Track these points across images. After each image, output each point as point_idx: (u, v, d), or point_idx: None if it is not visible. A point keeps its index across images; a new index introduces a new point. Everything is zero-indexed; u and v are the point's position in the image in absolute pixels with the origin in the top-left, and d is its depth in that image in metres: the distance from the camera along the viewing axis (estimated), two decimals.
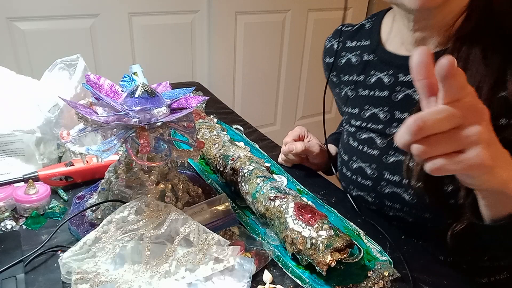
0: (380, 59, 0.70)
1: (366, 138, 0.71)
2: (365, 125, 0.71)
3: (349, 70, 0.75)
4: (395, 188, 0.67)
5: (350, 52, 0.76)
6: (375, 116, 0.69)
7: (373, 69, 0.70)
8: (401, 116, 0.66)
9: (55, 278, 0.53)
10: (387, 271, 0.57)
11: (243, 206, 0.71)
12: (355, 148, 0.73)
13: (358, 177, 0.73)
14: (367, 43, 0.73)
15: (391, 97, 0.67)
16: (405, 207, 0.68)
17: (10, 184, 0.68)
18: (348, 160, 0.75)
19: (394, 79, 0.67)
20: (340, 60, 0.77)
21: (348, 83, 0.75)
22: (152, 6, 1.75)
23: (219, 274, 0.53)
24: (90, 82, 0.57)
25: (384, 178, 0.69)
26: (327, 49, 0.83)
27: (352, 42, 0.76)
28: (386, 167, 0.68)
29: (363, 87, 0.72)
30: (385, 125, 0.68)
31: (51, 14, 1.56)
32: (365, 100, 0.71)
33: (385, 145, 0.68)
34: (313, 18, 2.20)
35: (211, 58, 2.01)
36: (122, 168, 0.59)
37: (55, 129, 0.77)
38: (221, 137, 0.81)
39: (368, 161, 0.71)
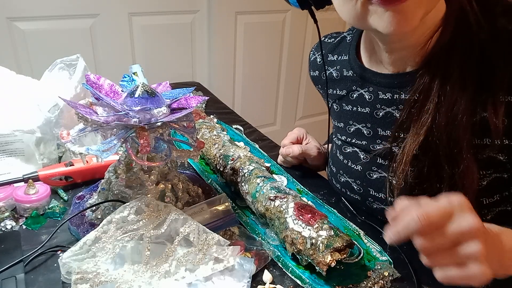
0: (360, 76, 0.68)
1: (350, 152, 0.71)
2: (350, 140, 0.71)
3: (332, 84, 0.74)
4: (382, 205, 0.67)
5: (331, 67, 0.74)
6: (359, 132, 0.69)
7: (354, 85, 0.69)
8: (384, 133, 0.65)
9: (55, 278, 0.53)
10: (387, 271, 0.57)
11: (243, 206, 0.71)
12: (341, 162, 0.73)
13: (347, 191, 0.73)
14: (346, 58, 0.72)
15: (373, 114, 0.66)
16: None
17: (10, 184, 0.68)
18: (336, 172, 0.75)
19: (374, 96, 0.65)
20: (323, 74, 0.76)
21: (333, 97, 0.74)
22: (152, 6, 1.75)
23: (219, 274, 0.53)
24: (90, 82, 0.57)
25: (370, 194, 0.68)
26: (311, 62, 0.81)
27: (333, 55, 0.75)
28: (370, 184, 0.68)
29: (346, 102, 0.71)
30: (369, 141, 0.67)
31: (51, 14, 1.56)
32: (349, 115, 0.70)
33: (368, 161, 0.68)
34: None
35: (211, 58, 2.01)
36: (122, 168, 0.59)
37: (55, 129, 0.77)
38: (221, 137, 0.81)
39: (353, 176, 0.70)
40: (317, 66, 0.79)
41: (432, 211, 0.42)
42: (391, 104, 0.63)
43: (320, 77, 0.77)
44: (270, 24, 2.10)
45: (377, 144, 0.66)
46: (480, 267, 0.42)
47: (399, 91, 0.62)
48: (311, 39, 2.26)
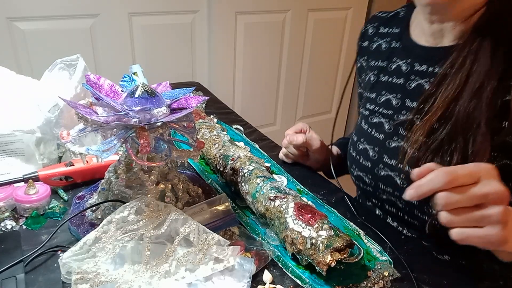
0: (403, 47, 0.72)
1: (376, 122, 0.74)
2: (378, 109, 0.74)
3: (377, 55, 0.77)
4: (390, 172, 0.70)
5: (381, 38, 0.78)
6: (388, 102, 0.72)
7: (396, 56, 0.73)
8: (410, 104, 0.68)
9: (55, 278, 0.53)
10: (387, 271, 0.57)
11: (243, 206, 0.71)
12: (364, 131, 0.76)
13: (360, 158, 0.75)
14: (397, 31, 0.75)
15: (405, 85, 0.69)
16: (396, 191, 0.70)
17: (10, 184, 0.68)
18: (357, 141, 0.77)
19: (410, 67, 0.69)
20: (371, 45, 0.80)
21: (373, 68, 0.78)
22: (152, 6, 1.75)
23: (219, 274, 0.53)
24: (90, 82, 0.57)
25: (383, 161, 0.71)
26: (363, 33, 0.84)
27: (385, 28, 0.79)
28: (387, 151, 0.70)
29: (385, 73, 0.74)
30: (395, 111, 0.70)
31: (51, 14, 1.56)
32: (384, 86, 0.74)
33: (391, 131, 0.70)
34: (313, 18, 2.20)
35: (211, 58, 2.01)
36: (122, 168, 0.59)
37: (55, 129, 0.77)
38: (221, 137, 0.81)
39: (373, 143, 0.73)
40: (368, 37, 0.82)
41: (460, 169, 0.44)
42: (424, 76, 0.66)
43: (369, 48, 0.81)
44: (270, 24, 2.10)
45: (402, 115, 0.69)
46: (498, 229, 0.43)
47: (434, 65, 0.65)
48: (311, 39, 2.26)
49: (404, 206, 0.70)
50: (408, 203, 0.68)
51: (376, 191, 0.74)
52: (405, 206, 0.69)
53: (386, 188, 0.71)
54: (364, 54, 0.82)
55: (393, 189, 0.70)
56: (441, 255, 0.70)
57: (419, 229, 0.70)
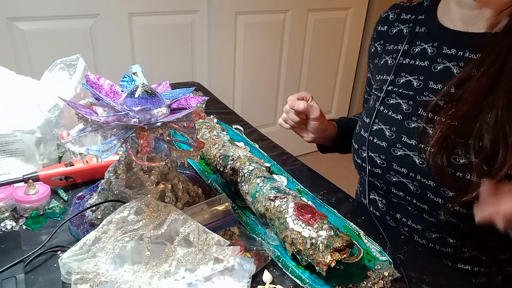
0: (430, 31, 0.73)
1: (393, 103, 0.74)
2: (397, 90, 0.74)
3: (397, 39, 0.78)
4: (408, 151, 0.69)
5: (403, 24, 0.79)
6: (409, 83, 0.72)
7: (420, 40, 0.74)
8: (434, 86, 0.69)
9: (55, 278, 0.53)
10: (387, 271, 0.57)
11: (243, 206, 0.71)
12: (380, 112, 0.76)
13: (375, 138, 0.75)
14: (422, 17, 0.76)
15: (431, 67, 0.70)
16: (411, 172, 0.69)
17: (10, 184, 0.68)
18: (370, 122, 0.77)
19: (437, 50, 0.70)
20: (391, 30, 0.81)
21: (391, 52, 0.79)
22: (152, 6, 1.75)
23: (219, 274, 0.53)
24: (90, 82, 0.57)
25: (401, 140, 0.70)
26: (382, 18, 0.86)
27: (407, 15, 0.80)
28: (406, 131, 0.70)
29: (405, 55, 0.75)
30: (416, 92, 0.71)
31: (51, 14, 1.56)
32: (404, 68, 0.74)
33: (410, 111, 0.71)
34: (313, 18, 2.20)
35: (211, 58, 2.01)
36: (122, 168, 0.59)
37: (55, 129, 0.77)
38: (221, 137, 0.81)
39: (390, 124, 0.73)
40: (388, 22, 0.83)
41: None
42: (452, 59, 0.68)
43: (387, 32, 0.82)
44: (270, 24, 2.10)
45: (425, 96, 0.69)
46: None
47: (464, 49, 0.66)
48: (311, 39, 2.26)
49: (417, 187, 0.69)
50: (422, 185, 0.68)
51: (386, 173, 0.73)
52: (418, 187, 0.69)
53: (400, 169, 0.71)
54: (380, 38, 0.83)
55: (408, 170, 0.69)
56: (443, 247, 0.71)
57: (426, 217, 0.71)
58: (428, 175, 0.66)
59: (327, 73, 2.46)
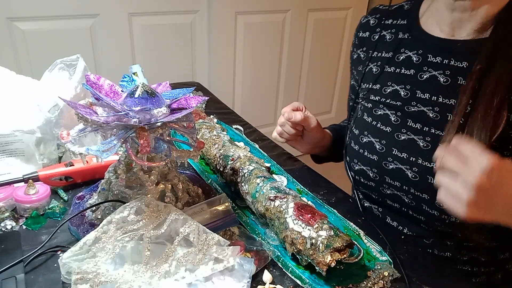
0: (413, 38, 0.71)
1: (381, 114, 0.72)
2: (384, 101, 0.72)
3: (381, 46, 0.77)
4: (400, 165, 0.68)
5: (385, 30, 0.77)
6: (396, 93, 0.71)
7: (404, 47, 0.72)
8: (422, 95, 0.67)
9: (55, 278, 0.53)
10: (387, 271, 0.57)
11: (243, 206, 0.71)
12: (368, 123, 0.74)
13: (365, 151, 0.74)
14: (404, 23, 0.75)
15: (417, 76, 0.68)
16: (404, 185, 0.68)
17: (10, 184, 0.68)
18: (359, 134, 0.75)
19: (422, 58, 0.68)
20: (373, 36, 0.79)
21: (375, 59, 0.77)
22: (152, 6, 1.75)
23: (219, 274, 0.53)
24: (90, 82, 0.57)
25: (392, 154, 0.69)
26: (363, 24, 0.84)
27: (388, 20, 0.78)
28: (396, 144, 0.69)
29: (390, 64, 0.73)
30: (404, 102, 0.69)
31: (51, 14, 1.56)
32: (390, 76, 0.73)
33: (399, 123, 0.69)
34: (313, 18, 2.20)
35: (211, 58, 2.01)
36: (122, 168, 0.59)
37: (55, 129, 0.77)
38: (221, 137, 0.81)
39: (379, 136, 0.72)
40: (369, 27, 0.81)
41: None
42: (438, 68, 0.66)
43: (369, 38, 0.80)
44: (270, 24, 2.10)
45: (413, 106, 0.68)
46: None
47: (449, 57, 0.65)
48: (311, 39, 2.26)
49: (412, 200, 0.69)
50: (416, 198, 0.67)
51: (379, 186, 0.73)
52: (413, 200, 0.68)
53: (393, 182, 0.70)
54: (363, 45, 0.81)
55: (401, 183, 0.69)
56: (442, 252, 0.70)
57: (423, 226, 0.70)
58: (421, 188, 0.66)
59: (327, 73, 2.46)
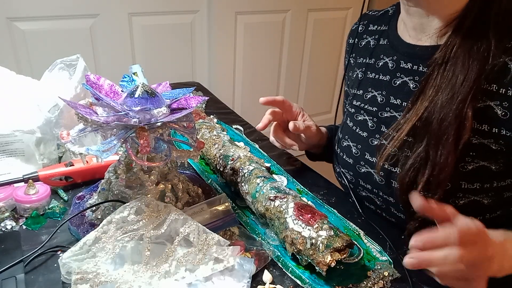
0: (390, 44, 0.72)
1: (361, 120, 0.74)
2: (363, 106, 0.74)
3: (365, 52, 0.78)
4: (370, 169, 0.71)
5: (370, 36, 0.79)
6: (374, 99, 0.72)
7: (383, 53, 0.73)
8: (394, 101, 0.68)
9: (55, 278, 0.53)
10: (387, 271, 0.57)
11: (243, 206, 0.71)
12: (349, 128, 0.76)
13: (344, 155, 0.76)
14: (385, 28, 0.76)
15: (391, 82, 0.70)
16: (374, 188, 0.71)
17: (10, 184, 0.68)
18: (341, 138, 0.78)
19: (396, 64, 0.70)
20: (360, 42, 0.80)
21: (361, 65, 0.78)
22: (152, 6, 1.75)
23: (219, 274, 0.53)
24: (90, 82, 0.57)
25: (364, 158, 0.72)
26: (352, 30, 0.85)
27: (373, 26, 0.79)
28: (369, 148, 0.71)
29: (371, 70, 0.75)
30: (379, 108, 0.71)
31: (51, 14, 1.56)
32: (370, 82, 0.74)
33: (374, 128, 0.71)
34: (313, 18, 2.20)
35: (211, 58, 2.01)
36: (122, 168, 0.59)
37: (55, 129, 0.77)
38: (221, 137, 0.81)
39: (356, 141, 0.74)
40: (357, 34, 0.83)
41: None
42: (408, 74, 0.67)
43: (358, 45, 0.81)
44: (270, 24, 2.10)
45: (386, 112, 0.69)
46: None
47: (418, 63, 0.66)
48: (311, 39, 2.26)
49: (382, 203, 0.71)
50: (385, 200, 0.70)
51: (356, 188, 0.75)
52: (383, 203, 0.71)
53: (365, 185, 0.72)
54: (352, 51, 0.83)
55: (372, 186, 0.71)
56: None
57: (397, 227, 0.71)
58: (388, 192, 0.68)
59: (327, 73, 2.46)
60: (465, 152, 0.58)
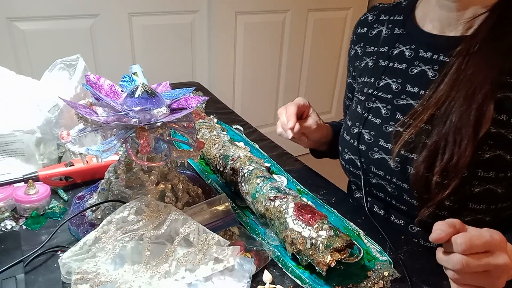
0: (407, 33, 0.73)
1: (373, 107, 0.74)
2: (376, 94, 0.74)
3: (377, 41, 0.78)
4: (384, 155, 0.71)
5: (382, 25, 0.79)
6: (388, 86, 0.73)
7: (398, 42, 0.74)
8: (411, 89, 0.69)
9: (55, 278, 0.53)
10: (387, 271, 0.57)
11: (243, 206, 0.71)
12: (360, 115, 0.76)
13: (355, 141, 0.76)
14: (400, 18, 0.77)
15: (408, 71, 0.70)
16: (387, 175, 0.71)
17: (10, 184, 0.68)
18: (351, 125, 0.78)
19: (414, 53, 0.70)
20: (371, 31, 0.81)
21: (371, 54, 0.79)
22: (152, 6, 1.75)
23: (219, 274, 0.53)
24: (90, 82, 0.57)
25: (378, 144, 0.72)
26: (361, 20, 0.86)
27: (385, 16, 0.80)
28: (383, 135, 0.71)
29: (384, 58, 0.75)
30: (394, 95, 0.71)
31: (51, 14, 1.56)
32: (383, 70, 0.75)
33: (389, 115, 0.71)
34: (313, 18, 2.20)
35: (211, 58, 2.01)
36: (122, 168, 0.59)
37: (55, 129, 0.77)
38: (221, 137, 0.81)
39: (369, 128, 0.74)
40: (367, 24, 0.83)
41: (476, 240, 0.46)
42: (428, 63, 0.68)
43: (367, 34, 0.82)
44: (270, 24, 2.10)
45: (402, 99, 0.70)
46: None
47: (438, 52, 0.67)
48: (311, 39, 2.26)
49: (394, 189, 0.71)
50: (398, 187, 0.70)
51: (366, 175, 0.75)
52: (395, 189, 0.71)
53: (378, 172, 0.72)
54: (360, 41, 0.83)
55: (384, 172, 0.71)
56: (428, 242, 0.71)
57: (406, 214, 0.72)
58: (402, 178, 0.68)
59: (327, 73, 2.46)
60: (483, 141, 0.59)
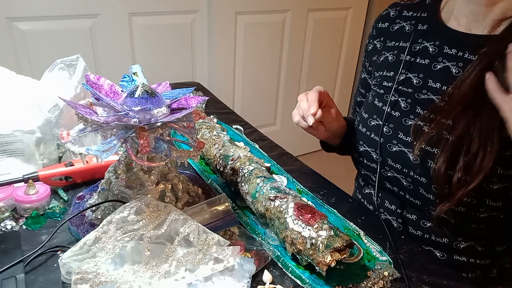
0: (432, 30, 0.74)
1: (392, 100, 0.75)
2: (396, 87, 0.75)
3: (399, 36, 0.79)
4: (403, 148, 0.71)
5: (405, 21, 0.80)
6: (408, 80, 0.73)
7: (422, 38, 0.74)
8: (433, 85, 0.69)
9: (55, 278, 0.53)
10: (387, 271, 0.57)
11: (243, 206, 0.71)
12: (378, 108, 0.76)
13: (372, 134, 0.76)
14: (424, 15, 0.77)
15: (431, 66, 0.71)
16: (405, 168, 0.71)
17: (10, 184, 0.68)
18: (368, 118, 0.78)
19: (438, 49, 0.71)
20: (392, 26, 0.81)
21: (392, 49, 0.79)
22: (152, 6, 1.75)
23: (219, 274, 0.53)
24: (90, 82, 0.57)
25: (397, 137, 0.72)
26: (383, 16, 0.86)
27: (408, 12, 0.80)
28: (403, 128, 0.71)
29: (407, 53, 0.76)
30: (415, 90, 0.72)
31: (51, 14, 1.56)
32: (404, 65, 0.75)
33: (408, 109, 0.72)
34: (313, 18, 2.20)
35: (211, 58, 2.01)
36: (122, 168, 0.59)
37: (55, 129, 0.77)
38: (221, 137, 0.81)
39: (387, 120, 0.74)
40: (389, 19, 0.83)
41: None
42: (452, 59, 0.68)
43: (388, 29, 0.82)
44: (270, 24, 2.10)
45: (423, 94, 0.70)
46: None
47: (464, 50, 0.67)
48: (311, 39, 2.26)
49: (410, 183, 0.71)
50: (415, 180, 0.69)
51: (381, 168, 0.75)
52: (411, 183, 0.71)
53: (394, 165, 0.72)
54: (380, 35, 0.83)
55: (402, 166, 0.71)
56: (439, 238, 0.71)
57: (420, 209, 0.72)
58: (420, 172, 0.68)
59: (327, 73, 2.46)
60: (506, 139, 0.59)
